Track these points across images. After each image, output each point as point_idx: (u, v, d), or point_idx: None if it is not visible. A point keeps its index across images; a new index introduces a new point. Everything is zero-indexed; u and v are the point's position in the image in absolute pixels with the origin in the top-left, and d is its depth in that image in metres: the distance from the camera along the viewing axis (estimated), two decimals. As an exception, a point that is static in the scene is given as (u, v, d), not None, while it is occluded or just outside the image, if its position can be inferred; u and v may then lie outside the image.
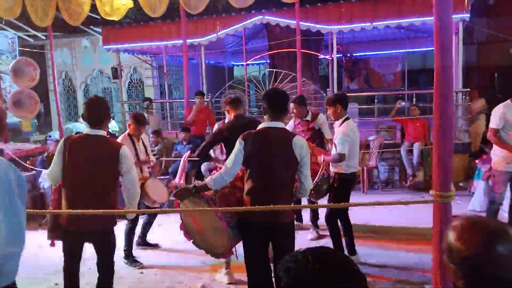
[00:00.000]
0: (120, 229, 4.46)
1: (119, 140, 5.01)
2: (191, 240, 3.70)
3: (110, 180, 3.39)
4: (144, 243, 5.63)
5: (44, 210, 5.63)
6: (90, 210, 3.14)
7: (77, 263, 3.53)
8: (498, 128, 4.75)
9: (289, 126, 5.76)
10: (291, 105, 5.57)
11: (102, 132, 3.43)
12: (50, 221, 3.64)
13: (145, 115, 8.99)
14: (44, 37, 12.37)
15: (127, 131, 5.22)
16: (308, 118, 5.62)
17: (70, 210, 3.33)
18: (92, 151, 3.37)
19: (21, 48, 12.28)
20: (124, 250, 5.10)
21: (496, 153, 4.89)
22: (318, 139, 5.55)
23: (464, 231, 1.36)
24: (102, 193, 3.37)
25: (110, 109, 3.61)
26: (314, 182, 4.36)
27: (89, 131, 3.42)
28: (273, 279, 3.31)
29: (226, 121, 6.34)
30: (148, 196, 4.84)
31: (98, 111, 3.44)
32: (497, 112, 4.79)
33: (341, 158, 4.43)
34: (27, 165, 7.35)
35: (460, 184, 7.67)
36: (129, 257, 5.13)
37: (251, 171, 3.24)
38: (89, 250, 3.54)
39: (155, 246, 5.68)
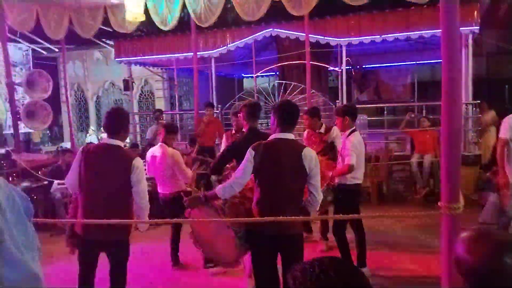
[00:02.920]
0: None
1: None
2: (200, 249, 3.72)
3: (123, 189, 3.40)
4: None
5: (54, 220, 5.67)
6: (102, 220, 3.18)
7: (92, 272, 3.54)
8: (507, 139, 4.74)
9: (304, 135, 5.78)
10: (304, 116, 5.56)
11: (118, 142, 3.47)
12: (68, 229, 3.69)
13: (156, 126, 9.14)
14: (57, 50, 12.57)
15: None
16: (322, 130, 5.59)
17: (84, 219, 3.38)
18: (106, 160, 3.41)
19: (34, 60, 12.49)
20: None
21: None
22: (330, 152, 5.47)
23: (472, 242, 1.38)
24: (116, 203, 3.39)
25: (128, 121, 3.67)
26: None
27: (106, 140, 3.50)
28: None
29: (233, 131, 6.40)
30: None
31: (115, 121, 3.50)
32: (506, 123, 4.80)
33: (350, 169, 4.45)
34: (38, 175, 7.43)
35: (471, 196, 7.60)
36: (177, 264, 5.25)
37: (260, 182, 3.26)
38: (101, 260, 3.56)
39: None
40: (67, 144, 10.97)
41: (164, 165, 5.09)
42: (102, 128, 7.21)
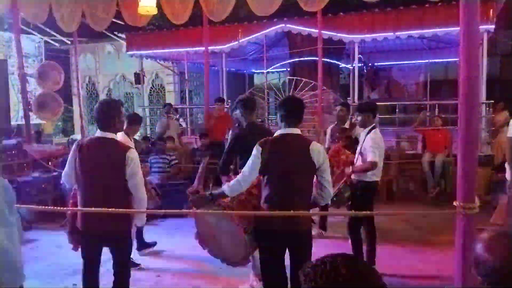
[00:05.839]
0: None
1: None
2: (207, 249, 3.69)
3: (119, 182, 3.33)
4: (142, 246, 5.60)
5: (62, 208, 5.68)
6: (100, 210, 3.18)
7: (95, 266, 3.52)
8: None
9: (328, 131, 6.11)
10: (339, 107, 5.85)
11: (111, 135, 3.40)
12: (69, 225, 3.66)
13: (166, 120, 9.16)
14: (69, 42, 12.63)
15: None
16: (346, 125, 5.66)
17: (83, 214, 3.39)
18: (100, 153, 3.35)
19: (47, 52, 12.56)
20: None
21: None
22: (353, 147, 5.51)
23: (492, 242, 1.35)
24: (113, 196, 3.33)
25: (119, 112, 3.50)
26: (336, 189, 4.34)
27: (99, 133, 3.42)
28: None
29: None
30: (153, 197, 5.06)
31: (106, 113, 3.42)
32: None
33: (373, 166, 4.41)
34: (49, 166, 7.48)
35: (483, 197, 7.52)
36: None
37: (268, 178, 3.22)
38: (108, 252, 3.56)
39: (153, 245, 5.67)
40: (78, 136, 11.02)
41: None
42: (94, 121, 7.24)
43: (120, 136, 5.05)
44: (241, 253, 3.46)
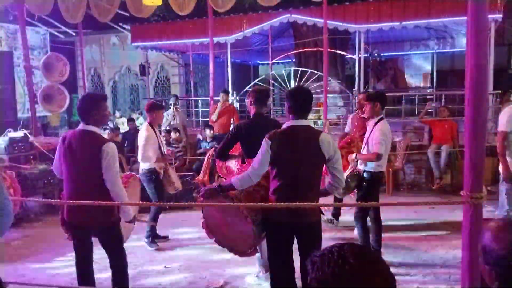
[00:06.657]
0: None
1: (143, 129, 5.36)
2: (214, 239, 3.70)
3: (97, 175, 3.32)
4: (154, 238, 5.67)
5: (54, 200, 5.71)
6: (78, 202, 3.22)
7: (86, 256, 3.55)
8: (506, 131, 4.63)
9: (349, 119, 6.24)
10: (361, 96, 5.94)
11: (91, 128, 3.40)
12: (61, 216, 3.65)
13: (172, 111, 9.17)
14: (74, 34, 12.63)
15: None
16: (365, 115, 5.64)
17: (67, 205, 3.44)
18: (79, 146, 3.37)
19: (52, 44, 12.56)
20: (147, 231, 5.42)
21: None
22: None
23: (499, 231, 1.34)
24: (92, 188, 3.34)
25: (98, 105, 3.46)
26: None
27: (80, 126, 3.46)
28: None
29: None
30: (173, 183, 5.24)
31: (85, 107, 3.44)
32: (506, 115, 4.67)
33: (378, 157, 4.43)
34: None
35: (488, 188, 7.48)
36: (149, 237, 5.43)
37: (278, 170, 3.19)
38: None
39: (164, 238, 5.75)
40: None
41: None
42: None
43: (144, 129, 5.25)
44: (248, 243, 3.46)
